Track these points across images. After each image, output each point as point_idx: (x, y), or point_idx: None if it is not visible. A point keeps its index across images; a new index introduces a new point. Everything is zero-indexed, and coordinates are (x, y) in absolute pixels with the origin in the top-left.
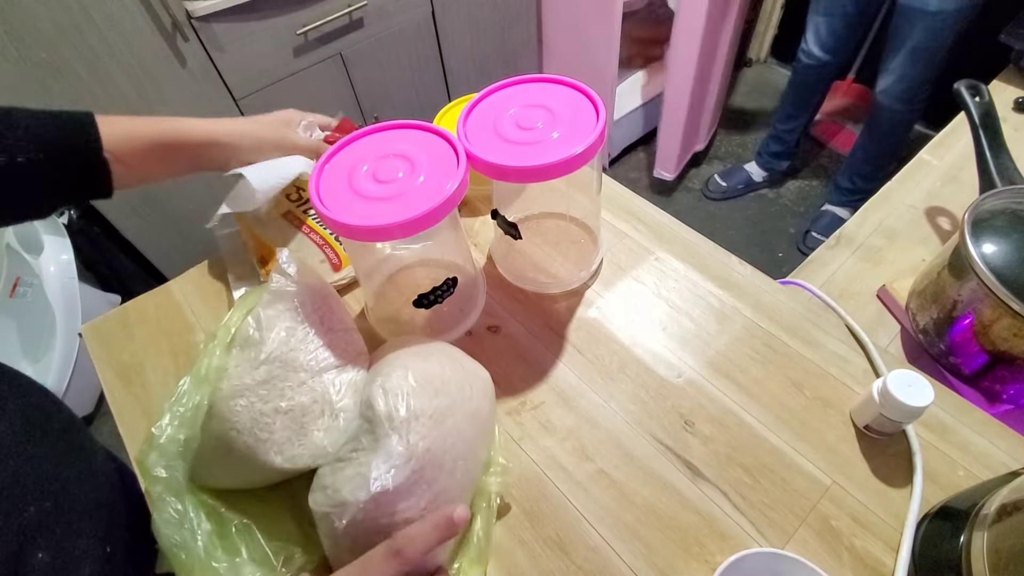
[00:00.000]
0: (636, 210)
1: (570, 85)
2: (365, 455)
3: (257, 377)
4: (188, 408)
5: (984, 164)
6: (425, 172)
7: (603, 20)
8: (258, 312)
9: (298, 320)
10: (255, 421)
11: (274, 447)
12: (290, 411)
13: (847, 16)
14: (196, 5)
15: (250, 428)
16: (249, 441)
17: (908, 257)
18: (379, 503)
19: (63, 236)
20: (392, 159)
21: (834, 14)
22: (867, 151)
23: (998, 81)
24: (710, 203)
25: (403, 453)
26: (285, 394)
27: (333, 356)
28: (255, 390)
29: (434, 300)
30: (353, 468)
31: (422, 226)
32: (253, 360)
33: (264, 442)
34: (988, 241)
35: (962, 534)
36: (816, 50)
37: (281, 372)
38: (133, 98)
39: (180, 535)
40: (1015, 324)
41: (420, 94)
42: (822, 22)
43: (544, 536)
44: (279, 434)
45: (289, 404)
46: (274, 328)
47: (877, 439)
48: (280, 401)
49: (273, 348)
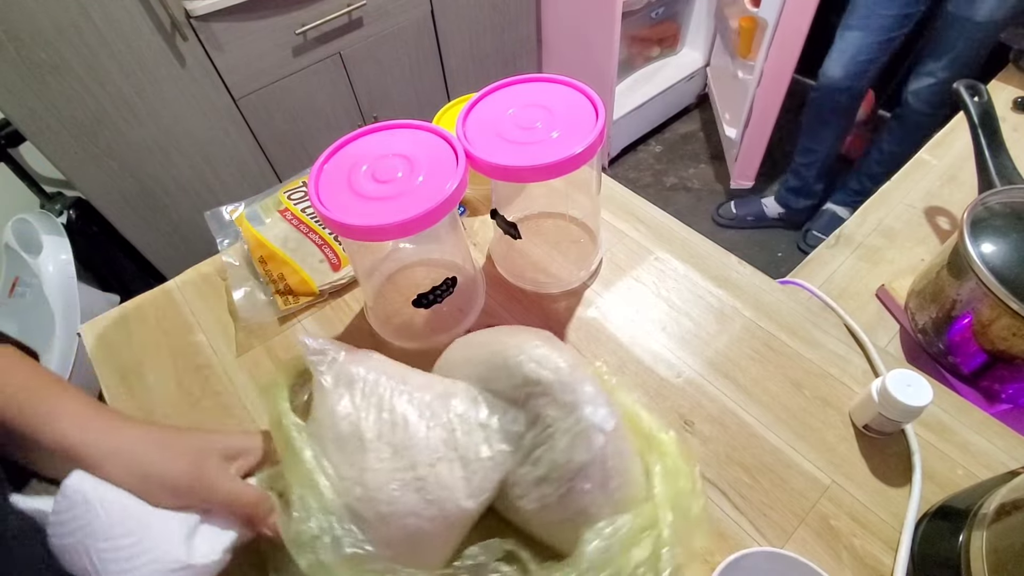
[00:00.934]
0: (636, 210)
1: (569, 85)
2: (564, 421)
3: (384, 457)
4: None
5: (983, 164)
6: (424, 172)
7: (603, 20)
8: (332, 407)
9: (368, 384)
10: (419, 492)
11: (456, 495)
12: (438, 460)
13: (884, 30)
14: (195, 4)
15: (419, 500)
16: (432, 511)
17: (907, 257)
18: (614, 441)
19: (62, 236)
20: (391, 159)
21: (869, 27)
22: (883, 152)
23: (997, 81)
24: (710, 203)
25: (598, 390)
26: (419, 446)
27: (423, 393)
28: (391, 473)
29: (434, 300)
30: (562, 439)
31: (422, 226)
32: (366, 445)
33: (445, 500)
34: (987, 241)
35: (961, 533)
36: (837, 71)
37: (400, 435)
38: (132, 98)
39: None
40: (1014, 324)
41: (419, 94)
42: (854, 38)
43: None
44: (450, 480)
45: (432, 458)
46: (358, 405)
47: (876, 439)
48: (420, 456)
49: (371, 421)
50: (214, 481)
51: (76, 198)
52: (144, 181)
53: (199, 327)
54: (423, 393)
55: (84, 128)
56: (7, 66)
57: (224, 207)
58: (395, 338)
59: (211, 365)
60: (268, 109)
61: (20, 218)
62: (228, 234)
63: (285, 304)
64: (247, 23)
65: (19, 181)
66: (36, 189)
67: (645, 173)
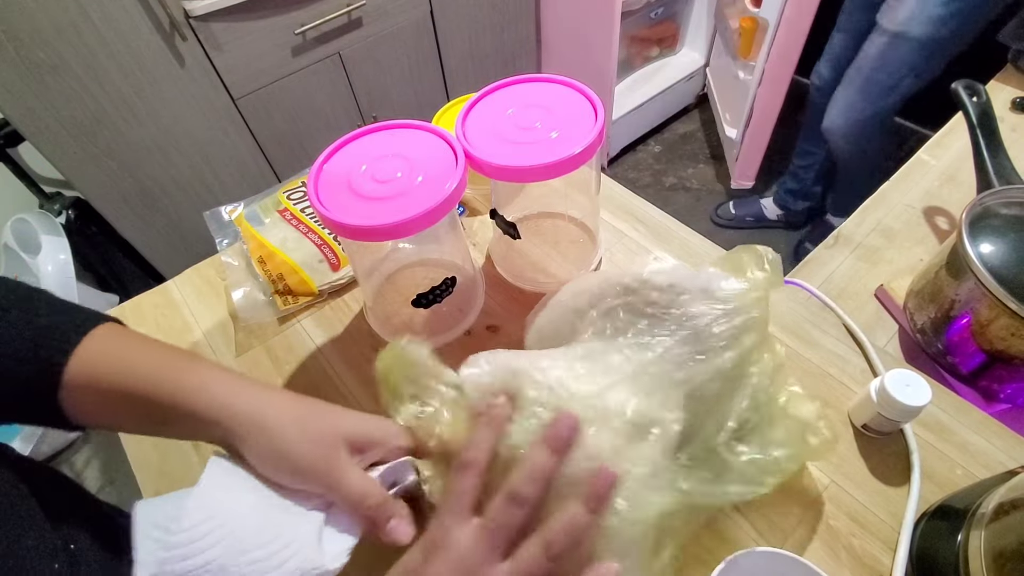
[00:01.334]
0: (635, 210)
1: (569, 85)
2: (693, 303)
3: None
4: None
5: (982, 164)
6: (424, 172)
7: (602, 20)
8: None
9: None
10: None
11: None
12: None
13: (862, 34)
14: (194, 4)
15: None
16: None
17: (906, 257)
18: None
19: (61, 236)
20: (391, 159)
21: (851, 30)
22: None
23: (996, 81)
24: (709, 203)
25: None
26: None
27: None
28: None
29: (433, 300)
30: (697, 316)
31: (421, 226)
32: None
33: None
34: (985, 241)
35: (960, 533)
36: (827, 70)
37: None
38: (131, 98)
39: None
40: (1012, 323)
41: (418, 94)
42: (839, 40)
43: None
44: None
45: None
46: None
47: (875, 438)
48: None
49: (543, 378)
50: (343, 473)
51: (75, 198)
52: (143, 181)
53: (198, 327)
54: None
55: (83, 128)
56: (6, 66)
57: (223, 207)
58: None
59: None
60: (267, 109)
61: (19, 218)
62: (227, 234)
63: (284, 304)
64: (246, 23)
65: (18, 181)
66: (35, 189)
67: (644, 173)
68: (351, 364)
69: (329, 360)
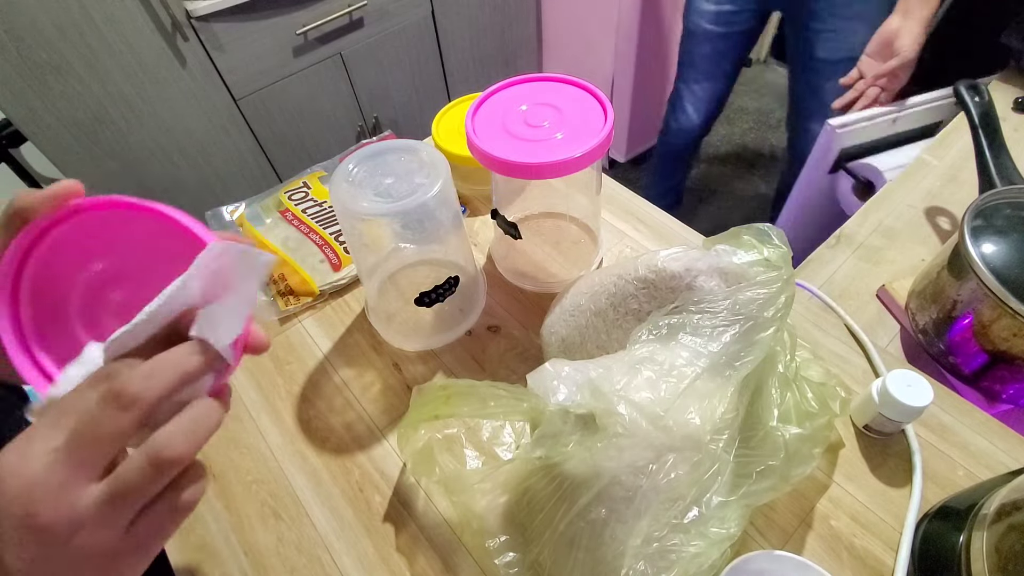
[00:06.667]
0: (636, 210)
1: (580, 86)
2: (710, 279)
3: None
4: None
5: (983, 164)
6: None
7: (604, 20)
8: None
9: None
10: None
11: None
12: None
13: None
14: (196, 5)
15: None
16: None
17: (908, 257)
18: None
19: None
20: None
21: (716, 76)
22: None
23: (997, 81)
24: (709, 203)
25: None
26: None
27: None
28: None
29: (435, 299)
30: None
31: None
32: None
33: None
34: (987, 241)
35: (962, 534)
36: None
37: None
38: (133, 98)
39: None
40: (1014, 324)
41: (420, 94)
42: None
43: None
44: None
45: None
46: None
47: (877, 439)
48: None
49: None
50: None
51: None
52: (145, 181)
53: None
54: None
55: (85, 128)
56: (8, 66)
57: (225, 207)
58: (396, 338)
59: None
60: (269, 109)
61: None
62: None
63: (285, 304)
64: (248, 23)
65: (20, 181)
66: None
67: (645, 173)
68: (352, 364)
69: (330, 360)
